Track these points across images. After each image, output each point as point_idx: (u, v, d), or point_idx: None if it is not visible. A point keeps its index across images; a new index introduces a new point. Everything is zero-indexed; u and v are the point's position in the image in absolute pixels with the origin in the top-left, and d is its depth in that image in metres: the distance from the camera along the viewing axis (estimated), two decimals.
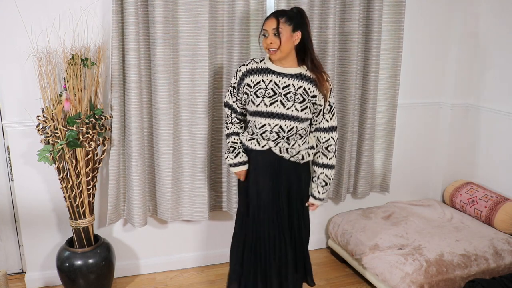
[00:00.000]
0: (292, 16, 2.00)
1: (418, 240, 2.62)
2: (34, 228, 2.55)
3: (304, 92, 2.04)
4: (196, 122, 2.51)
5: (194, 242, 2.87)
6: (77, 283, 2.39)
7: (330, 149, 2.15)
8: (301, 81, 2.05)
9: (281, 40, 1.97)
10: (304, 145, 2.12)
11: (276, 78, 2.06)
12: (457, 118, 3.18)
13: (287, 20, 1.98)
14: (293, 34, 1.99)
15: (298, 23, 2.00)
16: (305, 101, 2.04)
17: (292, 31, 1.99)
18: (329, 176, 2.18)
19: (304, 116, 2.06)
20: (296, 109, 2.04)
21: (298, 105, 2.04)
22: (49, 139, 2.23)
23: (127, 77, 2.33)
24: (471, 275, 2.41)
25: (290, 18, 1.99)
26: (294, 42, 2.01)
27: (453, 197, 3.15)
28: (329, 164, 2.16)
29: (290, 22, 1.98)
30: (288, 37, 1.98)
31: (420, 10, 2.97)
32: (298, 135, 2.10)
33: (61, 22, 2.31)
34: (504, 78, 2.92)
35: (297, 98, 2.04)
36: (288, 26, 1.98)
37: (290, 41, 2.00)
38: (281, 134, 2.07)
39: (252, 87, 2.08)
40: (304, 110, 2.05)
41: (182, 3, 2.35)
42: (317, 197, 2.20)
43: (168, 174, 2.51)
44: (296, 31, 2.00)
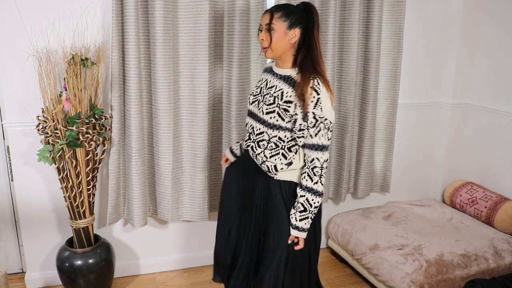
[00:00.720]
0: (292, 11, 1.79)
1: (418, 240, 2.62)
2: (34, 228, 2.55)
3: (279, 95, 1.81)
4: (196, 122, 2.50)
5: (194, 242, 2.87)
6: (77, 283, 2.39)
7: (315, 171, 1.80)
8: (284, 83, 1.83)
9: (271, 37, 1.78)
10: (275, 159, 1.86)
11: (270, 78, 1.91)
12: (457, 118, 3.18)
13: (283, 15, 1.78)
14: (289, 31, 1.78)
15: (298, 20, 1.79)
16: (273, 104, 1.81)
17: (287, 28, 1.78)
18: (311, 201, 1.80)
19: (270, 120, 1.82)
20: (262, 111, 1.84)
21: (265, 107, 1.83)
22: (49, 139, 2.23)
23: (127, 77, 2.33)
24: (471, 275, 2.41)
25: (287, 14, 1.78)
26: (289, 40, 1.79)
27: (453, 197, 3.15)
28: (312, 188, 1.80)
29: (286, 18, 1.77)
30: (281, 35, 1.78)
31: (420, 10, 2.97)
32: (272, 144, 1.86)
33: (61, 22, 2.31)
34: (504, 78, 2.92)
35: (268, 100, 1.83)
36: (283, 23, 1.77)
37: (284, 39, 1.79)
38: (251, 136, 1.92)
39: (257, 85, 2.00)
40: (270, 114, 1.82)
41: (182, 3, 2.35)
42: (293, 224, 1.83)
43: (168, 174, 2.51)
44: (293, 28, 1.78)
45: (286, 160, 1.87)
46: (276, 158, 1.87)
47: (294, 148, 1.87)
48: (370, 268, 2.57)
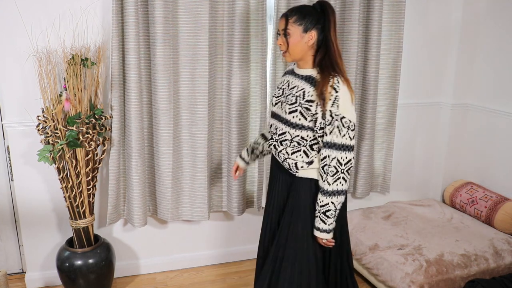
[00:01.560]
0: (307, 13, 1.78)
1: (418, 240, 2.62)
2: (34, 228, 2.55)
3: (301, 95, 1.82)
4: (196, 122, 2.50)
5: (194, 242, 2.87)
6: (77, 283, 2.39)
7: (325, 169, 1.79)
8: (305, 83, 1.83)
9: (288, 42, 1.80)
10: (296, 156, 1.87)
11: (292, 79, 1.91)
12: (457, 118, 3.18)
13: (297, 19, 1.78)
14: (305, 35, 1.78)
15: (313, 22, 1.78)
16: (295, 104, 1.82)
17: (303, 31, 1.78)
18: (320, 202, 1.81)
19: (293, 120, 1.82)
20: (285, 111, 1.85)
21: (287, 107, 1.84)
22: (49, 139, 2.23)
23: (127, 77, 2.33)
24: (471, 275, 2.41)
25: (302, 17, 1.78)
26: (306, 43, 1.80)
27: (453, 197, 3.15)
28: (321, 188, 1.80)
29: (301, 22, 1.78)
30: (297, 39, 1.79)
31: (420, 10, 2.97)
32: (295, 143, 1.86)
33: (61, 22, 2.31)
34: (504, 78, 2.92)
35: (291, 99, 1.84)
36: (298, 27, 1.78)
37: (300, 43, 1.79)
38: (274, 136, 1.94)
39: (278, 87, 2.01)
40: (292, 113, 1.82)
41: (182, 3, 2.35)
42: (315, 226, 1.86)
43: (168, 174, 2.51)
44: (308, 31, 1.78)
45: (308, 158, 1.86)
46: (298, 155, 1.87)
47: (316, 147, 1.86)
48: (370, 268, 2.57)
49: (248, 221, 2.93)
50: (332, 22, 1.79)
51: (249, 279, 2.77)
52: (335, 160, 1.77)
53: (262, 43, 2.50)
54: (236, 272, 2.86)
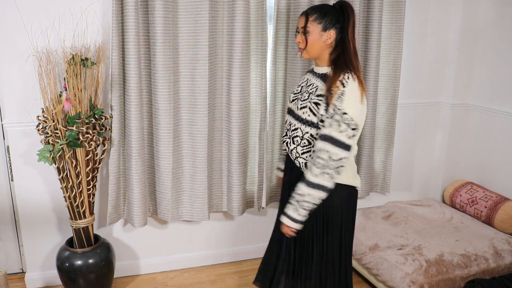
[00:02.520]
0: (327, 12, 1.80)
1: (418, 240, 2.62)
2: (34, 228, 2.55)
3: (314, 91, 1.84)
4: (196, 122, 2.50)
5: (194, 242, 2.87)
6: (77, 283, 2.39)
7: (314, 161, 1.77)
8: (320, 80, 1.85)
9: (307, 40, 1.82)
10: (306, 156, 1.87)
11: (310, 77, 1.94)
12: (457, 118, 3.18)
13: (317, 18, 1.80)
14: (324, 33, 1.80)
15: (333, 21, 1.79)
16: (306, 100, 1.85)
17: (322, 30, 1.80)
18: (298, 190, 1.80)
19: (303, 116, 1.84)
20: (297, 107, 1.89)
21: (300, 102, 1.88)
22: (49, 139, 2.23)
23: (127, 77, 2.33)
24: (471, 275, 2.41)
25: (322, 16, 1.79)
26: (325, 42, 1.81)
27: (453, 197, 3.15)
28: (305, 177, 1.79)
29: (320, 20, 1.79)
30: (316, 37, 1.81)
31: (420, 10, 2.97)
32: (305, 141, 1.86)
33: (61, 22, 2.31)
34: (504, 78, 2.92)
35: (304, 96, 1.88)
36: (318, 25, 1.80)
37: (319, 41, 1.81)
38: (288, 133, 1.96)
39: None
40: (303, 109, 1.85)
41: (182, 3, 2.35)
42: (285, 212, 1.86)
43: (168, 174, 2.51)
44: (327, 30, 1.80)
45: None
46: (307, 155, 1.86)
47: None
48: (370, 268, 2.57)
49: (248, 221, 2.93)
50: (351, 22, 1.80)
51: (249, 279, 2.77)
52: (327, 154, 1.73)
53: (262, 43, 2.50)
54: (236, 272, 2.86)
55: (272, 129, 2.71)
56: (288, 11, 2.53)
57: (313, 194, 1.78)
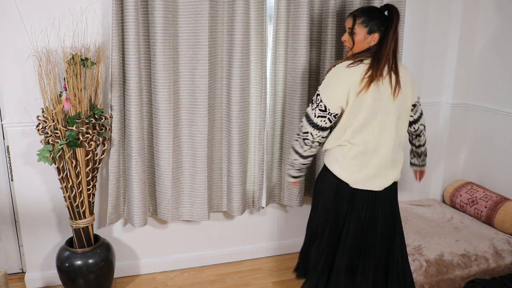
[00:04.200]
0: (373, 17, 1.89)
1: (418, 240, 2.62)
2: (34, 228, 2.55)
3: None
4: (196, 122, 2.50)
5: (194, 242, 2.87)
6: (77, 283, 2.39)
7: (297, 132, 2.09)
8: None
9: (354, 40, 1.93)
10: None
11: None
12: (457, 118, 3.18)
13: (364, 21, 1.89)
14: (368, 36, 1.90)
15: (378, 25, 1.89)
16: None
17: (367, 33, 1.90)
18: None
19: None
20: None
21: None
22: (49, 139, 2.23)
23: (127, 77, 2.33)
24: (471, 275, 2.41)
25: (369, 19, 1.89)
26: (368, 43, 1.91)
27: (453, 197, 3.15)
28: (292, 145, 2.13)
29: (367, 24, 1.89)
30: (361, 39, 1.91)
31: (420, 10, 2.96)
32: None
33: (61, 22, 2.31)
34: (504, 78, 2.92)
35: None
36: (364, 28, 1.89)
37: (363, 43, 1.91)
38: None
39: None
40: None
41: (182, 3, 2.35)
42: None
43: (168, 174, 2.51)
44: (372, 33, 1.90)
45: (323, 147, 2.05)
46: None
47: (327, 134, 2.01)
48: None
49: (248, 221, 2.93)
50: (394, 26, 1.88)
51: (249, 279, 2.77)
52: (300, 124, 2.00)
53: (262, 43, 2.50)
54: (236, 272, 2.86)
55: (272, 129, 2.71)
56: (288, 11, 2.53)
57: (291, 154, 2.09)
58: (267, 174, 2.78)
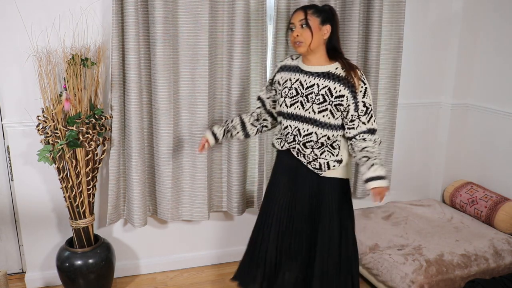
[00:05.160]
0: (322, 10, 1.92)
1: (418, 240, 2.62)
2: (34, 228, 2.55)
3: (328, 92, 1.89)
4: (196, 122, 2.50)
5: (194, 242, 2.87)
6: (77, 283, 2.39)
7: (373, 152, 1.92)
8: (327, 80, 1.90)
9: (312, 31, 1.87)
10: (325, 156, 1.96)
11: (303, 77, 1.96)
12: (457, 118, 3.18)
13: (315, 12, 1.90)
14: (322, 27, 1.89)
15: (328, 18, 1.91)
16: (325, 102, 1.89)
17: (320, 23, 1.89)
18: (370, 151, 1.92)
19: (323, 119, 1.90)
20: (313, 110, 1.90)
21: (316, 106, 1.90)
22: (49, 139, 2.23)
23: (127, 77, 2.33)
24: (471, 275, 2.41)
25: (319, 11, 1.91)
26: (323, 36, 1.90)
27: (453, 197, 3.15)
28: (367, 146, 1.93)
29: (318, 14, 1.89)
30: (316, 29, 1.88)
31: (420, 10, 2.96)
32: (319, 143, 1.94)
33: (61, 22, 2.31)
34: (504, 78, 2.92)
35: (317, 99, 1.90)
36: (317, 18, 1.89)
37: (318, 34, 1.89)
38: (297, 138, 1.97)
39: (280, 85, 2.03)
40: (323, 112, 1.89)
41: (182, 3, 2.35)
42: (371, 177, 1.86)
43: (168, 174, 2.51)
44: (325, 24, 1.90)
45: (336, 157, 1.97)
46: (326, 155, 1.97)
47: (336, 144, 1.98)
48: (370, 268, 2.57)
49: (248, 221, 2.92)
50: (338, 24, 1.96)
51: None
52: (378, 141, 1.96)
53: (262, 43, 2.50)
54: None
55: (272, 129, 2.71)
56: (288, 11, 2.53)
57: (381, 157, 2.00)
58: (267, 174, 2.78)
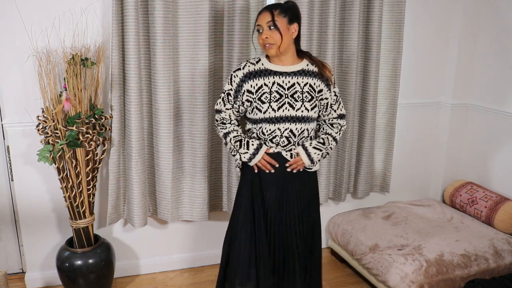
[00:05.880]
0: (287, 7, 1.89)
1: (418, 240, 2.62)
2: (34, 228, 2.55)
3: (311, 89, 1.94)
4: (196, 122, 2.50)
5: (194, 242, 2.87)
6: (77, 283, 2.39)
7: (335, 126, 2.07)
8: (305, 77, 1.94)
9: (280, 33, 1.84)
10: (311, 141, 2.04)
11: (279, 78, 1.92)
12: (457, 118, 3.18)
13: (281, 11, 1.86)
14: (290, 26, 1.87)
15: (294, 16, 1.89)
16: (313, 99, 1.95)
17: (288, 23, 1.86)
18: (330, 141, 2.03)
19: (314, 115, 1.97)
20: (306, 109, 1.92)
21: (308, 104, 1.93)
22: (49, 139, 2.23)
23: (127, 77, 2.33)
24: (471, 275, 2.41)
25: (285, 10, 1.87)
26: (291, 35, 1.89)
27: (453, 197, 3.15)
28: (332, 134, 2.05)
29: (285, 14, 1.86)
30: (284, 30, 1.85)
31: (420, 10, 2.96)
32: (309, 139, 2.03)
33: (61, 22, 2.31)
34: (504, 78, 2.92)
35: (305, 96, 1.92)
36: (284, 18, 1.86)
37: (287, 34, 1.87)
38: (291, 140, 1.96)
39: (254, 93, 1.93)
40: (314, 109, 1.95)
41: (182, 3, 2.35)
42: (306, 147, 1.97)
43: (168, 174, 2.51)
44: (292, 23, 1.88)
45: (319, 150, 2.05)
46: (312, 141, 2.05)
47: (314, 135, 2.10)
48: (370, 268, 2.57)
49: None
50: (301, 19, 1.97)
51: None
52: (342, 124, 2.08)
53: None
54: None
55: None
56: None
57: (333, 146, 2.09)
58: None
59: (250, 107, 1.96)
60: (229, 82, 1.99)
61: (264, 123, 1.95)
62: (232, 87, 1.98)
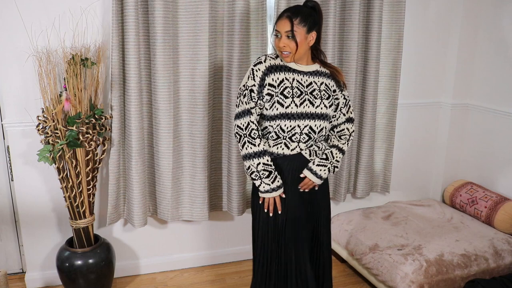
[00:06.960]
0: (307, 14, 1.85)
1: (418, 240, 2.62)
2: (34, 228, 2.55)
3: (327, 87, 1.97)
4: (196, 122, 2.51)
5: (194, 242, 2.87)
6: (77, 283, 2.39)
7: (343, 137, 2.08)
8: (320, 77, 1.96)
9: (297, 44, 1.84)
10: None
11: (298, 76, 1.92)
12: (457, 118, 3.18)
13: (301, 20, 1.83)
14: (308, 35, 1.86)
15: (314, 22, 1.87)
16: (330, 97, 1.97)
17: (306, 32, 1.85)
18: (334, 155, 2.01)
19: (332, 113, 2.00)
20: (325, 106, 1.95)
21: (326, 102, 1.95)
22: (49, 139, 2.23)
23: (127, 77, 2.33)
24: (471, 275, 2.41)
25: (305, 18, 1.84)
26: (309, 43, 1.89)
27: (453, 197, 3.15)
28: (338, 146, 2.05)
29: (304, 23, 1.83)
30: (302, 40, 1.85)
31: (420, 10, 2.97)
32: (325, 137, 2.07)
33: (61, 22, 2.31)
34: (504, 78, 2.92)
35: (323, 94, 1.95)
36: (303, 28, 1.84)
37: (305, 43, 1.86)
38: (312, 136, 1.96)
39: (277, 87, 1.89)
40: (331, 106, 1.98)
41: (182, 3, 2.35)
42: (310, 167, 1.96)
43: (168, 174, 2.51)
44: (311, 31, 1.87)
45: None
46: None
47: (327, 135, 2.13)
48: (370, 268, 2.57)
49: (248, 221, 2.92)
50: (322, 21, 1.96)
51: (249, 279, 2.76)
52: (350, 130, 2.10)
53: (262, 43, 2.50)
54: (236, 272, 2.86)
55: None
56: None
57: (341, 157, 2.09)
58: None
59: (269, 102, 1.90)
60: (251, 77, 1.90)
61: (284, 120, 1.90)
62: (255, 82, 1.89)
